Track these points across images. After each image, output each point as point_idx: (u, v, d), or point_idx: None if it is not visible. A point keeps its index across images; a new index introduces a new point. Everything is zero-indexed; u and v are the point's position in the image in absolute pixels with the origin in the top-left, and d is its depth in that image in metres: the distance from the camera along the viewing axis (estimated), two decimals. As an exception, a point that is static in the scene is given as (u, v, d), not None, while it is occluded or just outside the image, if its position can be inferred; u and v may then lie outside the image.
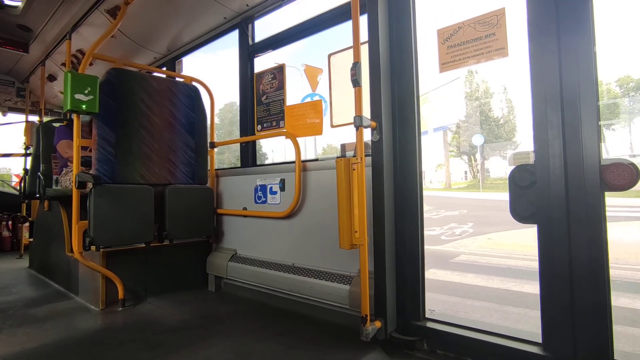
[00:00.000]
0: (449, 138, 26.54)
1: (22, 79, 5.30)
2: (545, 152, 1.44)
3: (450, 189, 22.52)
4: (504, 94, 27.03)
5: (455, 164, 27.31)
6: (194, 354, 1.82)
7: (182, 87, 3.03)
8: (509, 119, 26.50)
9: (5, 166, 22.81)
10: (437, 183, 25.48)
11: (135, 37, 3.63)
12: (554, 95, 1.43)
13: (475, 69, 26.21)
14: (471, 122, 25.08)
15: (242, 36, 3.16)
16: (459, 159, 27.38)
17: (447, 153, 23.40)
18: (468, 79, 26.69)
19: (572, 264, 1.38)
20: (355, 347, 1.84)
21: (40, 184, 3.50)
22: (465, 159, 26.89)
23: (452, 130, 22.56)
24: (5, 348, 1.90)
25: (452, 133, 26.46)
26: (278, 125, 2.86)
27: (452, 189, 22.40)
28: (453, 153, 27.48)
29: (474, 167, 25.24)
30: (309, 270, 2.36)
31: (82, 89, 2.42)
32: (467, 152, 25.99)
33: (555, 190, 1.42)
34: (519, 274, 4.45)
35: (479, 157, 23.28)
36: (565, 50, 1.41)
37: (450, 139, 27.04)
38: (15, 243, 5.18)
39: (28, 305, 2.66)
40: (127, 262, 2.70)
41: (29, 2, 3.32)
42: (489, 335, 1.61)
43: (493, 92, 27.43)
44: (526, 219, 1.51)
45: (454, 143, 27.17)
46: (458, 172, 27.71)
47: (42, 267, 3.62)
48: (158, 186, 2.77)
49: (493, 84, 28.59)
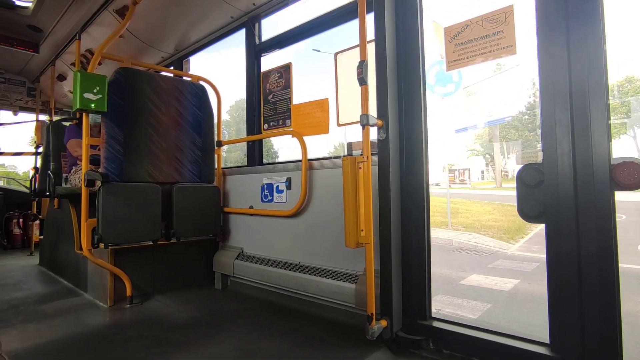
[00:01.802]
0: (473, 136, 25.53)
1: (33, 78, 5.37)
2: (553, 151, 1.43)
3: (501, 188, 21.14)
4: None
5: (474, 163, 26.55)
6: (200, 351, 1.83)
7: (189, 86, 3.05)
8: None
9: (11, 164, 23.19)
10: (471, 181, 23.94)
11: (143, 37, 3.66)
12: (562, 93, 1.41)
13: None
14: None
15: (248, 35, 3.17)
16: (481, 157, 26.59)
17: (498, 150, 21.88)
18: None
19: (581, 264, 1.37)
20: (361, 346, 1.84)
21: (50, 182, 3.55)
22: (488, 157, 26.02)
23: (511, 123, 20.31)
24: (17, 343, 1.93)
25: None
26: (284, 124, 2.87)
27: (504, 188, 20.91)
28: (475, 152, 26.71)
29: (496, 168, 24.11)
30: (314, 268, 2.36)
31: (91, 89, 2.44)
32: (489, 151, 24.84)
33: (563, 189, 1.41)
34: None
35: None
36: (574, 47, 1.39)
37: (474, 139, 26.07)
38: (26, 240, 5.26)
39: (38, 301, 2.70)
40: (135, 260, 2.73)
41: (39, 2, 3.36)
42: (496, 336, 1.60)
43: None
44: (534, 218, 1.49)
45: (478, 142, 26.20)
46: (473, 172, 27.09)
47: (52, 264, 3.68)
48: (165, 184, 2.79)
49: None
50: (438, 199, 12.59)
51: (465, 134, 24.43)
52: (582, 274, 1.37)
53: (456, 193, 16.64)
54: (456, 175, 22.03)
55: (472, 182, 22.77)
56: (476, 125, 20.01)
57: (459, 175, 22.08)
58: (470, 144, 27.11)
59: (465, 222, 10.15)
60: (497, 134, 19.67)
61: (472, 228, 9.39)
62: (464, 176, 21.95)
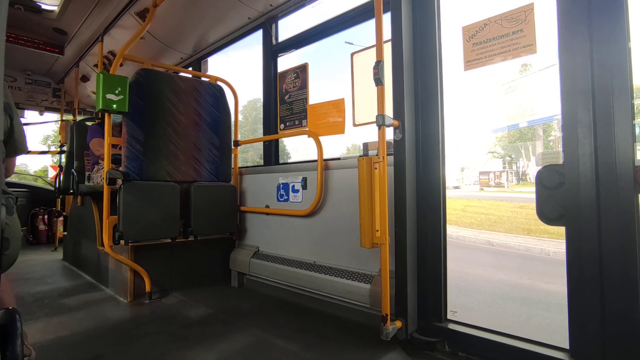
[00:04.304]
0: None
1: (58, 79, 5.55)
2: (574, 152, 1.40)
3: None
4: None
5: (492, 165, 25.87)
6: (216, 347, 1.86)
7: (207, 86, 3.10)
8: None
9: (22, 162, 23.85)
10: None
11: (163, 39, 3.74)
12: (585, 92, 1.38)
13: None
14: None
15: (265, 36, 3.20)
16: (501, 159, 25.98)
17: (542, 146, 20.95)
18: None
19: (603, 268, 1.33)
20: (374, 346, 1.84)
21: (74, 180, 3.66)
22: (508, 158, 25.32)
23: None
24: (42, 335, 2.01)
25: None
26: (300, 124, 2.88)
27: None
28: (496, 154, 26.02)
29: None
30: (330, 268, 2.37)
31: (113, 89, 2.51)
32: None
33: (585, 191, 1.37)
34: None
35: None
36: (597, 45, 1.35)
37: (495, 142, 25.24)
38: (51, 236, 5.44)
39: (62, 295, 2.80)
40: (154, 257, 2.79)
41: (65, 6, 3.47)
42: (513, 340, 1.57)
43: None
44: (554, 220, 1.46)
45: (501, 144, 25.41)
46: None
47: (75, 259, 3.79)
48: (184, 183, 2.85)
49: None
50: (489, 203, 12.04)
51: (501, 133, 23.73)
52: (604, 277, 1.33)
53: (498, 197, 15.48)
54: (491, 177, 21.17)
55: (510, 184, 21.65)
56: (518, 125, 19.16)
57: (494, 177, 21.17)
58: (490, 146, 26.39)
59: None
60: (540, 134, 18.76)
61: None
62: (500, 179, 20.97)
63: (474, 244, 7.03)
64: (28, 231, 5.44)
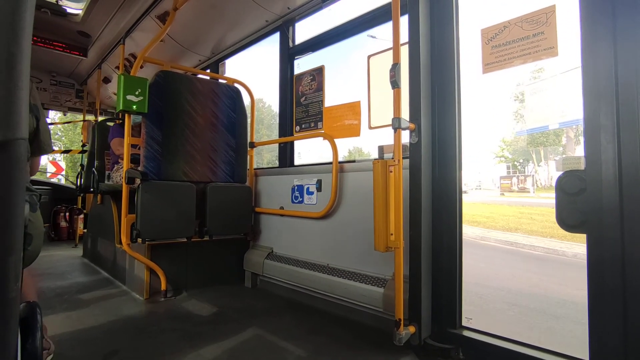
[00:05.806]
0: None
1: (81, 81, 5.71)
2: (597, 158, 1.35)
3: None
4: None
5: (497, 170, 25.59)
6: (228, 345, 1.88)
7: (224, 88, 3.14)
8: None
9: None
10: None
11: (182, 41, 3.81)
12: (608, 95, 1.33)
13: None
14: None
15: (282, 39, 3.23)
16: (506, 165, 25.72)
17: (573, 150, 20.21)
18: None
19: (626, 278, 1.29)
20: (387, 351, 1.82)
21: (94, 179, 3.76)
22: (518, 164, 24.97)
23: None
24: (61, 329, 2.06)
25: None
26: (316, 126, 2.89)
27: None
28: (503, 159, 25.67)
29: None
30: (343, 271, 2.36)
31: (133, 91, 2.57)
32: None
33: (607, 198, 1.33)
34: None
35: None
36: (621, 45, 1.31)
37: (503, 145, 24.88)
38: (71, 233, 5.60)
39: (80, 290, 2.87)
40: (170, 256, 2.84)
41: (89, 10, 3.58)
42: (531, 349, 1.53)
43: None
44: (574, 227, 1.42)
45: (510, 149, 25.01)
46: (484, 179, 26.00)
47: (94, 256, 3.89)
48: (200, 184, 2.89)
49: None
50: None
51: (514, 138, 23.23)
52: (626, 286, 1.28)
53: (527, 202, 14.83)
54: (514, 182, 20.41)
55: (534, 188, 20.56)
56: (547, 127, 18.60)
57: (518, 182, 20.37)
58: (497, 150, 25.96)
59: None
60: (571, 136, 18.07)
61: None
62: (524, 183, 20.13)
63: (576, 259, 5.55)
64: (50, 228, 5.61)
